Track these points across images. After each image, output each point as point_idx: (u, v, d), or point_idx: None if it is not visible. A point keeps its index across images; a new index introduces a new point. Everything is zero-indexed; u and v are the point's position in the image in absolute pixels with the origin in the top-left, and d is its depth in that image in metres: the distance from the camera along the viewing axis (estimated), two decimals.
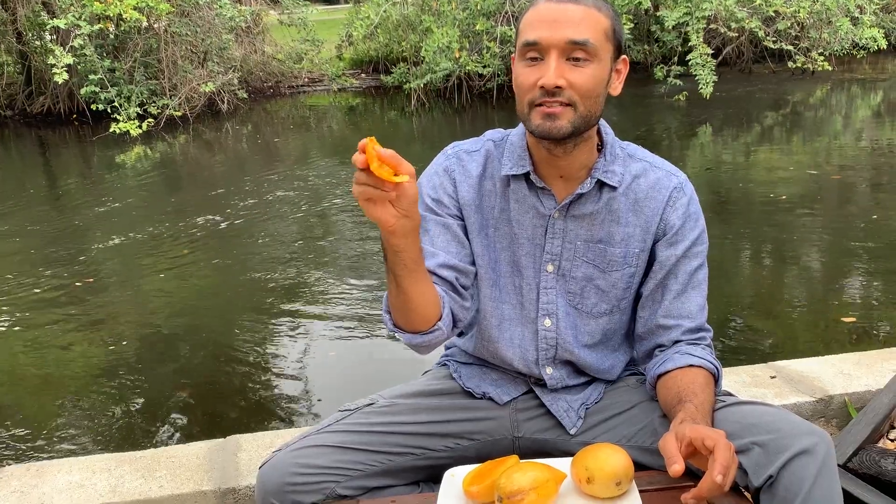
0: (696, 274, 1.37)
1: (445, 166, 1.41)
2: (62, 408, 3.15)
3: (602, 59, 1.25)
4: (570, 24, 1.21)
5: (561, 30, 1.21)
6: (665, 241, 1.36)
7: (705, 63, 9.23)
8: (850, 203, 5.49)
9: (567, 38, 1.21)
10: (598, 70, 1.24)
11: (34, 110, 11.42)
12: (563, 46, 1.21)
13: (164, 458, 1.96)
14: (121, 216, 6.15)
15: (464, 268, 1.36)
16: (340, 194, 6.39)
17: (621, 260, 1.36)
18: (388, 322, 1.30)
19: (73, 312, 4.18)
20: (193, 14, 11.08)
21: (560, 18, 1.22)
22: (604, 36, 1.24)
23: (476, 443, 1.42)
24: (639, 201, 1.36)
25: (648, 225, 1.36)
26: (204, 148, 9.50)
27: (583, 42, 1.21)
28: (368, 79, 13.70)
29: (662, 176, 1.37)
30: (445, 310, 1.29)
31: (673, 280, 1.36)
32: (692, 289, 1.36)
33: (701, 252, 1.37)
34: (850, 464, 1.83)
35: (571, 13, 1.22)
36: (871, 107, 9.81)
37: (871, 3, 10.65)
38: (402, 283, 1.20)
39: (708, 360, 1.32)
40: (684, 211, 1.36)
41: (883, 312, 3.63)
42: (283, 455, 1.30)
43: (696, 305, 1.37)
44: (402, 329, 1.29)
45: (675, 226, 1.35)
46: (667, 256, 1.36)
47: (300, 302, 4.15)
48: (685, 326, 1.36)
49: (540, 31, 1.22)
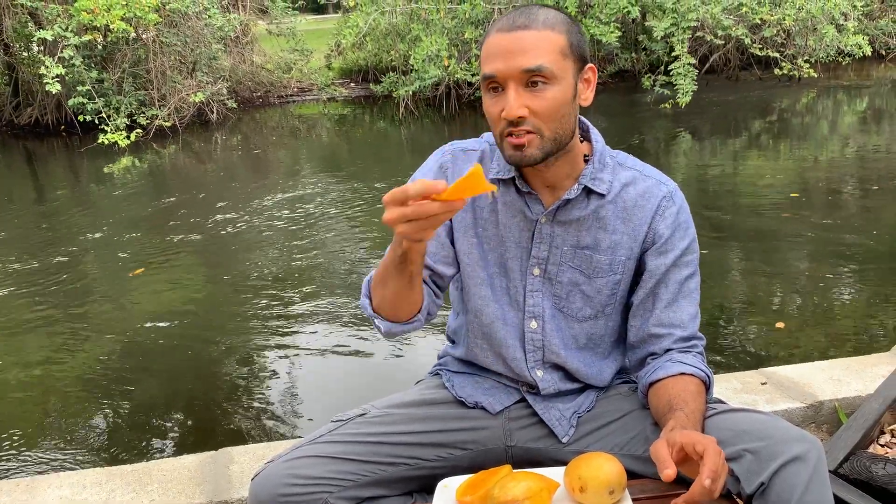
0: (687, 283, 1.37)
1: (441, 163, 1.43)
2: (51, 422, 3.12)
3: (562, 78, 1.25)
4: (522, 53, 1.22)
5: (514, 60, 1.22)
6: (654, 250, 1.36)
7: (687, 73, 9.30)
8: (837, 209, 5.53)
9: (521, 67, 1.21)
10: (559, 91, 1.24)
11: (22, 122, 11.37)
12: (518, 76, 1.22)
13: (155, 472, 1.95)
14: (108, 227, 6.12)
15: (439, 270, 1.41)
16: (330, 205, 6.39)
17: (607, 267, 1.37)
18: (367, 307, 1.34)
19: (60, 325, 4.15)
20: (182, 24, 11.07)
21: (512, 48, 1.22)
22: (560, 56, 1.24)
23: (469, 452, 1.42)
24: (627, 209, 1.36)
25: (636, 233, 1.36)
26: (193, 158, 9.47)
27: (536, 68, 1.22)
28: (358, 88, 13.72)
29: (652, 185, 1.38)
30: (425, 302, 1.35)
31: (663, 289, 1.37)
32: (683, 298, 1.37)
33: (691, 261, 1.38)
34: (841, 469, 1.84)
35: (523, 41, 1.22)
36: (856, 113, 9.90)
37: (854, 10, 10.76)
38: (413, 283, 1.25)
39: (699, 368, 1.33)
40: (673, 220, 1.36)
41: (872, 317, 3.66)
42: (275, 466, 1.29)
43: (688, 314, 1.37)
44: (383, 316, 1.33)
45: (665, 235, 1.36)
46: (656, 266, 1.36)
47: (291, 312, 4.14)
48: (677, 335, 1.37)
49: (495, 63, 1.23)
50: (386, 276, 1.26)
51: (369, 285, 1.34)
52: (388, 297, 1.29)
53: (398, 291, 1.26)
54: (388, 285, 1.27)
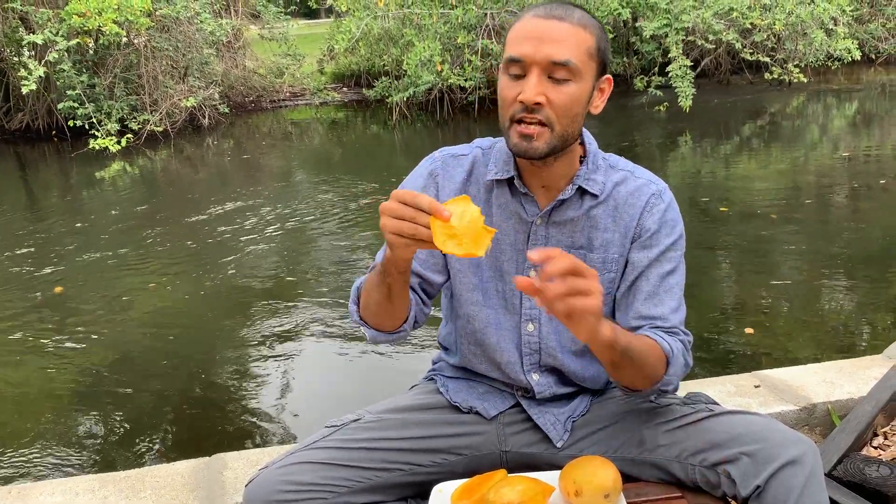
0: (668, 278, 1.36)
1: (431, 170, 1.43)
2: (43, 428, 3.10)
3: (584, 78, 1.26)
4: (554, 43, 1.22)
5: (544, 48, 1.22)
6: (639, 243, 1.36)
7: (685, 75, 9.32)
8: (829, 211, 5.56)
9: (549, 57, 1.22)
10: (578, 89, 1.25)
11: (12, 127, 11.31)
12: (544, 65, 1.22)
13: (148, 478, 1.94)
14: (99, 233, 6.09)
15: (429, 277, 1.42)
16: (323, 210, 6.38)
17: (601, 265, 1.37)
18: (354, 314, 1.36)
19: (51, 331, 4.12)
20: (174, 29, 11.04)
21: (544, 36, 1.22)
22: (587, 55, 1.25)
23: (464, 457, 1.42)
24: (618, 207, 1.37)
25: (627, 230, 1.37)
26: (185, 163, 9.44)
27: (564, 62, 1.22)
28: (350, 92, 13.71)
29: (642, 184, 1.38)
30: (412, 313, 1.36)
31: (644, 282, 1.35)
32: (664, 293, 1.35)
33: (674, 258, 1.37)
34: (835, 472, 1.84)
35: (556, 31, 1.23)
36: (846, 116, 9.96)
37: (844, 15, 10.83)
38: (392, 295, 1.26)
39: (666, 342, 1.28)
40: (661, 216, 1.36)
41: (864, 320, 3.67)
42: (269, 473, 1.29)
43: (669, 308, 1.34)
44: (369, 325, 1.35)
45: (651, 230, 1.36)
46: (639, 259, 1.36)
47: (284, 317, 4.12)
48: (658, 326, 1.33)
49: (523, 47, 1.23)
50: (370, 287, 1.29)
51: (358, 291, 1.36)
52: (371, 306, 1.31)
53: (379, 302, 1.29)
54: (372, 295, 1.29)
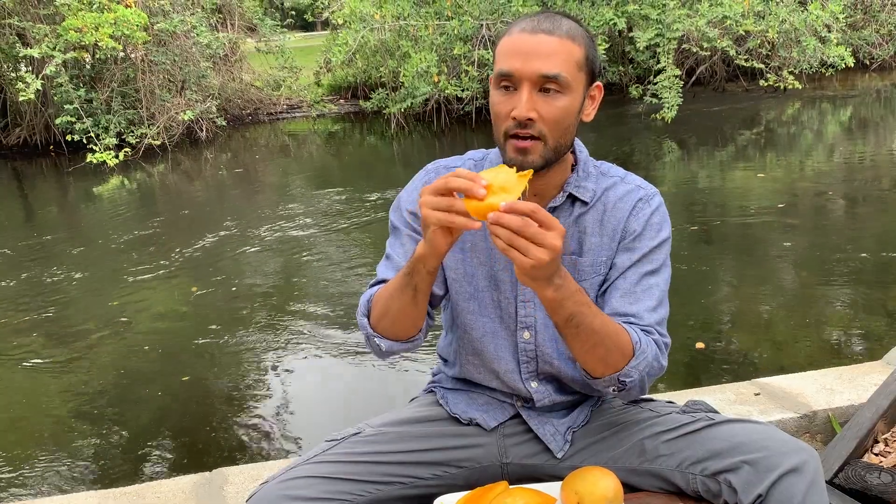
0: (648, 278, 1.35)
1: (426, 181, 1.43)
2: (43, 445, 3.09)
3: (574, 89, 1.26)
4: (543, 58, 1.23)
5: (533, 63, 1.23)
6: (623, 244, 1.37)
7: (672, 85, 9.36)
8: (826, 218, 5.57)
9: (539, 71, 1.23)
10: (569, 101, 1.26)
11: (10, 142, 11.32)
12: (534, 79, 1.23)
13: (149, 494, 1.93)
14: (96, 249, 6.09)
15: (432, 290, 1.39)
16: (322, 222, 6.38)
17: (590, 269, 1.37)
18: (365, 326, 1.35)
19: (49, 347, 4.12)
20: (171, 43, 11.08)
21: (533, 51, 1.23)
22: (576, 67, 1.26)
23: (464, 470, 1.42)
24: (607, 212, 1.38)
25: (614, 233, 1.37)
26: (183, 177, 9.45)
27: (554, 76, 1.23)
28: (347, 104, 13.75)
29: (631, 189, 1.39)
30: (425, 322, 1.35)
31: (622, 280, 1.35)
32: (642, 291, 1.34)
33: (657, 259, 1.36)
34: (836, 479, 1.84)
35: (544, 45, 1.23)
36: (840, 122, 10.00)
37: (837, 22, 10.88)
38: (417, 296, 1.26)
39: (636, 334, 1.26)
40: (646, 219, 1.37)
41: (863, 326, 3.67)
42: (270, 487, 1.28)
43: (645, 307, 1.33)
44: (382, 335, 1.33)
45: (635, 232, 1.36)
46: (622, 261, 1.36)
47: (284, 330, 4.12)
48: (633, 324, 1.32)
49: (513, 62, 1.24)
50: (392, 293, 1.28)
51: (369, 304, 1.35)
52: (392, 314, 1.29)
53: (402, 308, 1.27)
54: (393, 302, 1.28)
